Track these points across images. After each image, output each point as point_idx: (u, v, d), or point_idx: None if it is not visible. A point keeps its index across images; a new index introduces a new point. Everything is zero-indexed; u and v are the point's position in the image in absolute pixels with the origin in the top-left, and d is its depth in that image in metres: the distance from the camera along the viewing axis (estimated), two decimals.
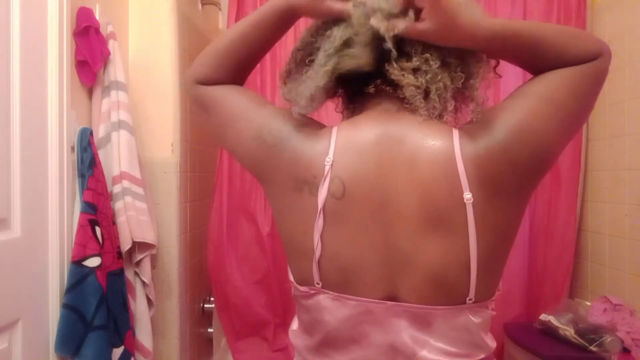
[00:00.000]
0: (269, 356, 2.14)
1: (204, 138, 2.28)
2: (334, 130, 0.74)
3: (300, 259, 0.74)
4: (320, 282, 0.72)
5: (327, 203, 0.70)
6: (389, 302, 0.70)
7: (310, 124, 0.77)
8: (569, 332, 1.69)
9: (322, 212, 0.70)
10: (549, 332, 1.76)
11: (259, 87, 2.11)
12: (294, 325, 0.83)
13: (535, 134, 0.68)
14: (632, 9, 1.81)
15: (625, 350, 1.60)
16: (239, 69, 0.83)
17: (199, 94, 0.83)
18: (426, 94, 0.72)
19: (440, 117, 0.74)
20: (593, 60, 0.70)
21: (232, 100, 0.80)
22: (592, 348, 1.60)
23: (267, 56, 2.11)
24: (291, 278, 0.78)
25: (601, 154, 1.98)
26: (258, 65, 2.21)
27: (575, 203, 2.04)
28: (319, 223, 0.70)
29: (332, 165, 0.70)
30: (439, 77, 0.71)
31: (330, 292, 0.72)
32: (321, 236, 0.70)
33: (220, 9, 2.51)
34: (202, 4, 2.40)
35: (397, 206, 0.69)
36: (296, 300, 0.80)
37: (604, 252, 1.92)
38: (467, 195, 0.67)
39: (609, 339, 1.60)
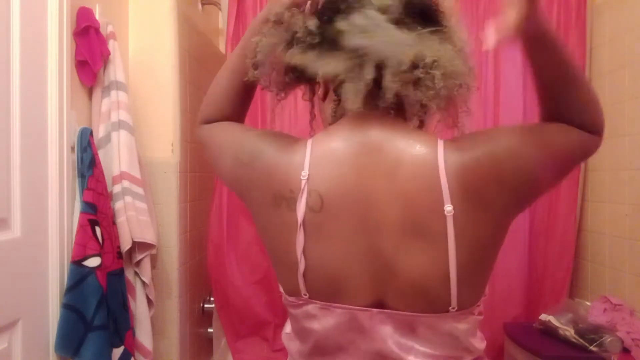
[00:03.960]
0: (269, 356, 2.14)
1: None
2: (309, 142, 0.73)
3: (286, 272, 0.74)
4: (307, 293, 0.72)
5: (306, 217, 0.69)
6: (374, 310, 0.70)
7: (284, 138, 0.77)
8: (569, 332, 1.69)
9: (302, 226, 0.69)
10: (549, 332, 1.76)
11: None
12: (287, 328, 0.84)
13: (524, 159, 0.68)
14: (632, 9, 1.81)
15: (625, 350, 1.60)
16: (239, 100, 0.90)
17: (201, 134, 0.90)
18: (422, 104, 0.70)
19: (423, 123, 0.74)
20: (592, 134, 0.72)
21: (222, 132, 0.86)
22: (592, 348, 1.60)
23: None
24: (280, 289, 0.79)
25: (601, 154, 1.96)
26: None
27: (575, 203, 2.04)
28: (300, 238, 0.70)
29: (307, 179, 0.69)
30: (440, 85, 0.69)
31: (318, 302, 0.72)
32: (303, 250, 0.70)
33: (220, 9, 2.51)
34: (202, 4, 2.40)
35: (378, 216, 0.68)
36: (287, 308, 0.80)
37: (604, 252, 1.92)
38: (448, 208, 0.66)
39: (609, 339, 1.60)
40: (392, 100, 0.70)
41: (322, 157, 0.71)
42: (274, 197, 0.72)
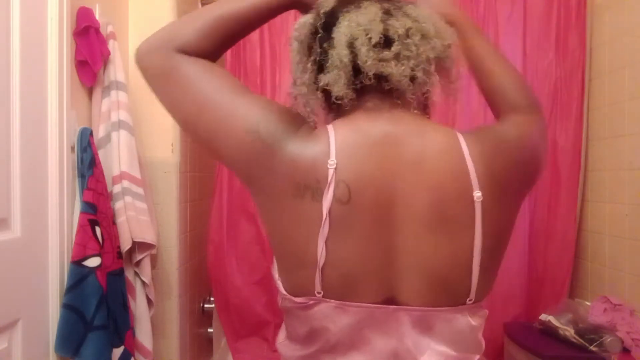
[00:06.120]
0: (269, 356, 2.14)
1: None
2: (330, 129, 0.70)
3: (300, 268, 0.70)
4: (321, 292, 0.69)
5: (332, 209, 0.66)
6: (391, 307, 0.69)
7: (304, 124, 0.72)
8: (569, 332, 1.69)
9: (327, 218, 0.66)
10: (549, 332, 1.76)
11: (259, 86, 2.11)
12: (282, 336, 0.81)
13: (531, 139, 0.76)
14: (632, 9, 1.81)
15: (625, 350, 1.60)
16: (225, 44, 0.78)
17: (174, 64, 0.73)
18: (412, 77, 0.71)
19: (426, 99, 0.76)
20: (532, 112, 0.82)
21: (218, 79, 0.73)
22: (592, 348, 1.60)
23: (267, 56, 2.11)
24: (282, 290, 0.74)
25: (601, 154, 1.98)
26: (258, 65, 2.19)
27: (575, 203, 2.04)
28: (325, 230, 0.66)
29: (335, 168, 0.66)
30: (421, 50, 0.71)
31: (332, 301, 0.69)
32: (326, 243, 0.67)
33: None
34: (202, 4, 2.40)
35: (403, 208, 0.68)
36: (287, 312, 0.76)
37: (604, 252, 1.92)
38: (477, 194, 0.67)
39: (609, 339, 1.60)
40: (378, 80, 0.71)
41: (346, 147, 0.68)
42: (296, 186, 0.67)
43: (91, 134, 1.46)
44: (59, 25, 1.35)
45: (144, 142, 1.87)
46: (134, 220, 1.60)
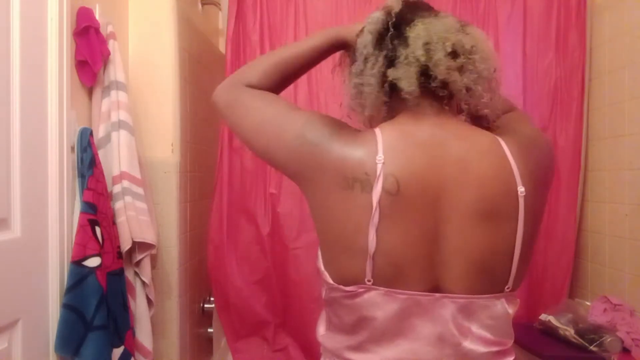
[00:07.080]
0: (269, 356, 2.14)
1: (204, 138, 2.29)
2: (377, 132, 0.77)
3: (350, 257, 0.75)
4: (371, 279, 0.74)
5: (382, 199, 0.72)
6: (437, 294, 0.74)
7: (347, 127, 0.80)
8: (569, 332, 1.69)
9: (377, 208, 0.71)
10: (549, 332, 1.76)
11: None
12: (322, 329, 0.85)
13: (544, 140, 0.85)
14: (632, 9, 1.81)
15: (625, 350, 1.60)
16: (282, 82, 0.94)
17: (242, 95, 0.89)
18: (468, 88, 0.78)
19: (477, 111, 0.81)
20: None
21: (271, 102, 0.87)
22: (592, 348, 1.60)
23: None
24: (329, 280, 0.78)
25: (601, 154, 1.98)
26: None
27: (575, 203, 2.04)
28: (375, 219, 0.72)
29: (383, 163, 0.73)
30: (481, 67, 0.78)
31: (381, 288, 0.74)
32: (376, 232, 0.72)
33: (220, 9, 2.51)
34: (202, 4, 2.40)
35: (450, 201, 0.73)
36: (333, 302, 0.80)
37: (604, 252, 1.92)
38: (521, 189, 0.74)
39: (609, 339, 1.60)
40: (439, 85, 0.77)
41: (394, 144, 0.75)
42: (345, 179, 0.74)
43: (91, 134, 1.46)
44: (59, 25, 1.35)
45: (144, 142, 1.87)
46: (134, 220, 1.60)
